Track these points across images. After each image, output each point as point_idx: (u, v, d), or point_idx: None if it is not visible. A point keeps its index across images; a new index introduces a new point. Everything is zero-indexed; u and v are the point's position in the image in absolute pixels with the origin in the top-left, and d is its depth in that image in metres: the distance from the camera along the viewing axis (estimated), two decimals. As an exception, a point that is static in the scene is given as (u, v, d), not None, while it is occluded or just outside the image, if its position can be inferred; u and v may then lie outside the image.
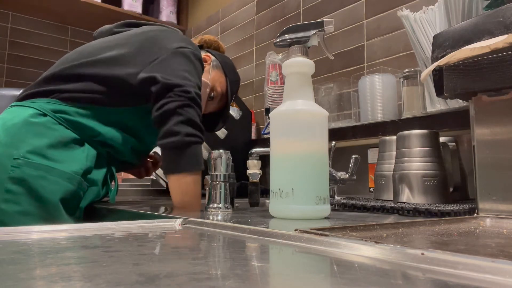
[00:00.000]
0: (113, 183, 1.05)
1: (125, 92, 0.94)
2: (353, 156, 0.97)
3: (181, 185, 0.88)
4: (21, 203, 0.82)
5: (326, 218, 0.62)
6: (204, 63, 1.11)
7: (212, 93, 1.13)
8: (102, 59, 0.95)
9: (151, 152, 1.22)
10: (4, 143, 0.83)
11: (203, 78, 1.08)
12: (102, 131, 0.94)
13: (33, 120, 0.87)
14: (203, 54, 1.14)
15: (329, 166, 0.84)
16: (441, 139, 0.82)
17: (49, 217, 0.84)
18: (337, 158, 1.16)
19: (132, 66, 0.94)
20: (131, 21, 1.12)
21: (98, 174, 0.96)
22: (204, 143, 1.43)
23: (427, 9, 0.98)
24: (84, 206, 0.94)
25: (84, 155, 0.91)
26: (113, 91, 0.94)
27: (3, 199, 0.81)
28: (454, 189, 0.84)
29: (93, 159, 0.93)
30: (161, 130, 0.87)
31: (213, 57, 1.16)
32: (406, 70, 1.11)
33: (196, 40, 1.22)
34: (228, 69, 1.17)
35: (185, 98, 0.88)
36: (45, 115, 0.89)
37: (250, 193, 0.93)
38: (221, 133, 1.50)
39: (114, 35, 1.05)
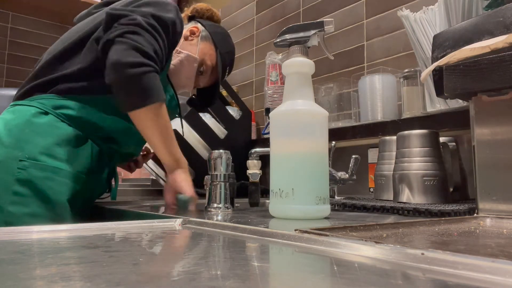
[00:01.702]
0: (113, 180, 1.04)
1: None
2: (353, 156, 0.97)
3: (144, 122, 0.83)
4: (29, 205, 0.80)
5: (326, 218, 0.62)
6: (192, 35, 1.06)
7: (202, 68, 1.07)
8: (86, 36, 0.92)
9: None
10: (8, 145, 0.81)
11: (189, 52, 1.04)
12: (104, 124, 0.92)
13: (36, 120, 0.85)
14: (192, 25, 1.09)
15: (329, 166, 0.84)
16: (441, 139, 0.82)
17: (57, 218, 0.83)
18: (337, 158, 1.15)
19: None
20: (108, 0, 1.06)
21: (102, 173, 0.96)
22: (204, 143, 1.44)
23: (427, 9, 0.98)
24: (91, 206, 0.94)
25: (88, 154, 0.90)
26: (103, 69, 0.87)
27: (11, 201, 0.79)
28: (454, 189, 0.84)
29: (97, 158, 0.92)
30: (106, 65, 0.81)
31: (202, 28, 1.08)
32: (406, 70, 1.11)
33: (188, 10, 1.16)
34: (219, 39, 1.09)
35: (130, 25, 0.81)
36: (46, 113, 0.87)
37: (250, 193, 0.93)
38: (221, 133, 1.50)
39: (93, 15, 1.01)
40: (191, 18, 1.14)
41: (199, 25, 1.10)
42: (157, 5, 0.90)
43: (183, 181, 0.86)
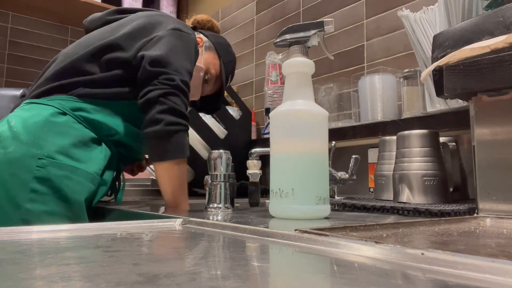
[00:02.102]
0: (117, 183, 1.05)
1: (132, 77, 0.94)
2: (353, 156, 0.97)
3: (165, 172, 0.89)
4: (47, 203, 0.81)
5: (326, 218, 0.62)
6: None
7: (207, 76, 1.12)
8: (107, 45, 0.95)
9: None
10: (26, 142, 0.82)
11: (196, 63, 1.07)
12: (118, 129, 0.95)
13: (54, 120, 0.86)
14: (196, 36, 1.12)
15: (329, 166, 0.84)
16: (441, 139, 0.82)
17: (74, 217, 0.84)
18: (337, 158, 1.15)
19: (134, 48, 0.95)
20: (123, 8, 1.11)
21: (109, 175, 0.97)
22: (204, 143, 1.44)
23: (427, 9, 0.98)
24: (94, 205, 0.95)
25: (102, 156, 0.92)
26: (123, 79, 0.94)
27: (28, 199, 0.80)
28: (454, 189, 0.84)
29: (107, 160, 0.94)
30: (144, 118, 0.88)
31: (205, 39, 1.14)
32: (406, 70, 1.11)
33: (189, 22, 1.21)
34: (222, 49, 1.15)
35: (169, 86, 0.88)
36: (65, 114, 0.88)
37: (250, 193, 0.93)
38: (221, 133, 1.50)
39: (114, 23, 1.04)
40: (192, 29, 1.16)
41: (202, 35, 1.14)
42: (181, 40, 0.96)
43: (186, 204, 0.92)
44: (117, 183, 1.05)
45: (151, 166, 1.38)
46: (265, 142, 1.54)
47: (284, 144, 0.63)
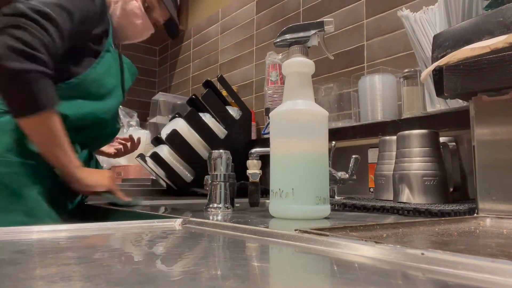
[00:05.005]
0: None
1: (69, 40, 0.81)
2: (353, 156, 0.97)
3: (29, 130, 0.78)
4: None
5: (326, 218, 0.62)
6: None
7: (146, 3, 1.00)
8: None
9: (128, 135, 1.23)
10: None
11: None
12: (69, 112, 0.85)
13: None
14: None
15: (329, 166, 0.84)
16: (441, 139, 0.82)
17: (30, 211, 0.82)
18: (337, 158, 1.15)
19: None
20: None
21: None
22: (204, 143, 1.43)
23: (427, 9, 0.98)
24: (75, 204, 0.93)
25: None
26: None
27: None
28: (454, 189, 0.84)
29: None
30: None
31: None
32: (406, 70, 1.11)
33: None
34: None
35: (10, 16, 0.71)
36: (7, 112, 0.84)
37: (250, 193, 0.93)
38: (221, 133, 1.50)
39: None
40: None
41: None
42: None
43: (94, 176, 0.88)
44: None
45: (149, 163, 1.37)
46: (265, 142, 1.54)
47: (284, 144, 0.63)
